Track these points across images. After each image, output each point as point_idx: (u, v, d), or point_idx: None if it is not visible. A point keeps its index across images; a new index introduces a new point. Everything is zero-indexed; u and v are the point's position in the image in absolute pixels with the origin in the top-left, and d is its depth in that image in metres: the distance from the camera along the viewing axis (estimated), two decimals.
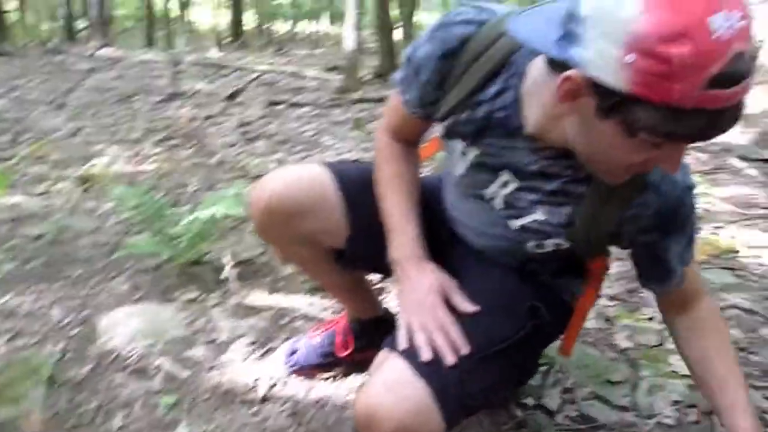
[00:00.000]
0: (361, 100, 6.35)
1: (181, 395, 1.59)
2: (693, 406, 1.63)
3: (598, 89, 0.82)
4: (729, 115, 0.80)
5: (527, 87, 1.03)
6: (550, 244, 1.16)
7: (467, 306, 1.16)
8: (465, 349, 1.08)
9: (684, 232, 1.12)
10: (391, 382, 1.04)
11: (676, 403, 1.64)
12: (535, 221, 1.13)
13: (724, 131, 0.82)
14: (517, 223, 1.16)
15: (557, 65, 0.87)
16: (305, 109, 5.73)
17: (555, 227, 1.12)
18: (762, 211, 3.35)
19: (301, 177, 1.34)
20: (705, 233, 2.88)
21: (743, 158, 4.30)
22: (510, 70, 1.05)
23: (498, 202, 1.17)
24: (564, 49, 0.84)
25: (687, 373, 1.75)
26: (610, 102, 0.82)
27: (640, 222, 1.08)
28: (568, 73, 0.84)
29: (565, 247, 1.16)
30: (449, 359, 1.06)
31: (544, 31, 0.88)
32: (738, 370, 1.18)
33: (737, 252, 2.71)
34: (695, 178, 3.83)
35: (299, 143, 4.44)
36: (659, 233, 1.10)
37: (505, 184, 1.13)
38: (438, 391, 1.03)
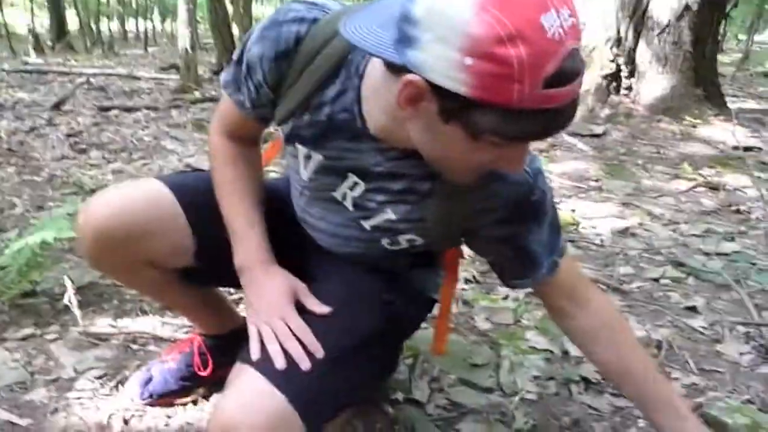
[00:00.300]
0: (200, 100, 6.13)
1: None
2: (551, 378, 1.71)
3: (438, 93, 0.80)
4: (567, 112, 0.81)
5: (367, 88, 1.00)
6: (403, 241, 1.16)
7: (319, 308, 1.13)
8: (320, 353, 1.05)
9: (542, 219, 1.11)
10: (246, 396, 1.00)
11: (536, 378, 1.71)
12: (386, 220, 1.12)
13: (564, 128, 0.83)
14: (369, 224, 1.14)
15: (396, 68, 0.85)
16: (141, 113, 5.42)
17: (406, 224, 1.12)
18: (594, 183, 3.61)
19: (133, 196, 1.24)
20: None
21: (574, 134, 4.61)
22: (348, 70, 1.02)
23: (348, 204, 1.14)
24: (401, 52, 0.81)
25: (544, 347, 1.86)
26: (451, 106, 0.81)
27: (493, 214, 1.08)
28: (408, 77, 0.82)
29: (419, 243, 1.16)
30: (304, 365, 1.03)
31: (379, 33, 0.85)
32: (652, 364, 1.20)
33: (576, 224, 2.89)
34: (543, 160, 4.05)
35: (137, 150, 4.19)
36: (516, 223, 1.10)
37: (353, 186, 1.11)
38: (296, 397, 0.99)
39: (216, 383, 1.56)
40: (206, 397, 1.57)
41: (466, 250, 1.29)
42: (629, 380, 1.19)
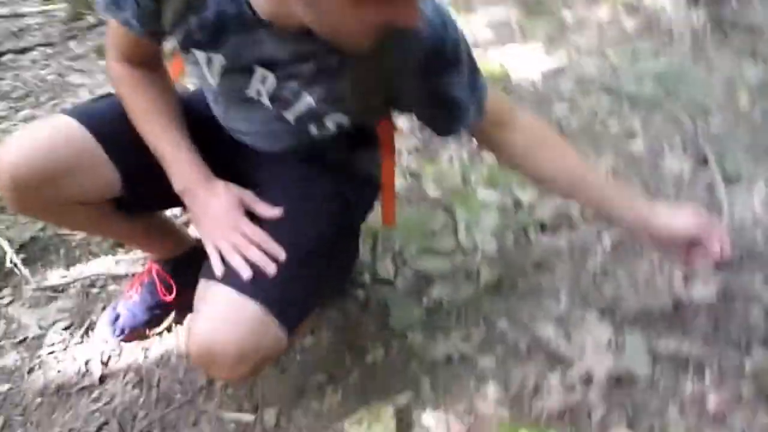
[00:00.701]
0: (96, 25, 5.72)
1: (7, 412, 1.42)
2: (508, 229, 1.75)
3: None
4: None
5: None
6: (330, 124, 1.13)
7: (272, 212, 1.13)
8: (283, 255, 1.06)
9: (460, 67, 1.08)
10: (220, 311, 1.01)
11: (493, 232, 1.74)
12: (307, 106, 1.09)
13: None
14: (291, 115, 1.12)
15: None
16: (36, 51, 5.04)
17: (327, 105, 1.09)
18: (516, 28, 3.55)
19: (42, 137, 1.16)
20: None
21: None
22: None
23: (265, 100, 1.11)
24: None
25: (496, 201, 1.89)
26: None
27: (410, 74, 1.04)
28: None
29: (346, 122, 1.13)
30: (270, 270, 1.04)
31: None
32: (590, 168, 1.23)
33: (506, 72, 2.87)
34: (451, 9, 3.92)
35: (44, 92, 3.92)
36: (435, 77, 1.07)
37: (263, 80, 1.07)
38: (269, 303, 1.01)
39: (184, 306, 1.56)
40: (178, 321, 1.57)
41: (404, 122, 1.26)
42: (586, 186, 1.20)
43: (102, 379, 1.46)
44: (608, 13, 3.59)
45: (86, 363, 1.51)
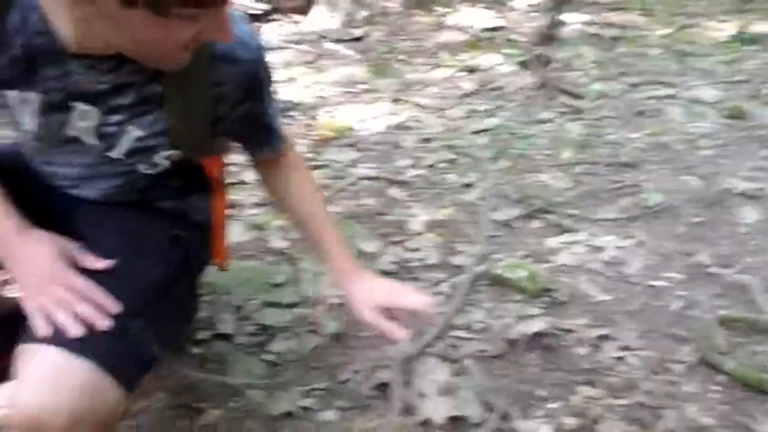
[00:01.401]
0: None
1: None
2: None
3: None
4: None
5: (45, 1, 0.91)
6: (160, 160, 1.09)
7: (99, 263, 1.04)
8: (116, 308, 0.98)
9: (270, 92, 1.13)
10: (47, 376, 0.90)
11: None
12: (135, 141, 1.04)
13: None
14: (119, 152, 1.06)
15: None
16: None
17: (155, 139, 1.05)
18: (363, 86, 3.67)
19: None
20: (322, 118, 3.07)
21: (338, 41, 4.63)
22: None
23: (89, 138, 1.04)
24: None
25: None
26: None
27: (229, 97, 1.05)
28: None
29: (175, 156, 1.09)
30: (103, 324, 0.95)
31: None
32: (324, 209, 1.27)
33: (352, 128, 2.94)
34: (302, 70, 4.01)
35: None
36: (251, 101, 1.09)
37: (84, 116, 1.01)
38: (102, 360, 0.93)
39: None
40: None
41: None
42: (313, 223, 1.25)
43: None
44: (448, 73, 3.82)
45: None
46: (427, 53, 4.31)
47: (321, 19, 4.93)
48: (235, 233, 1.92)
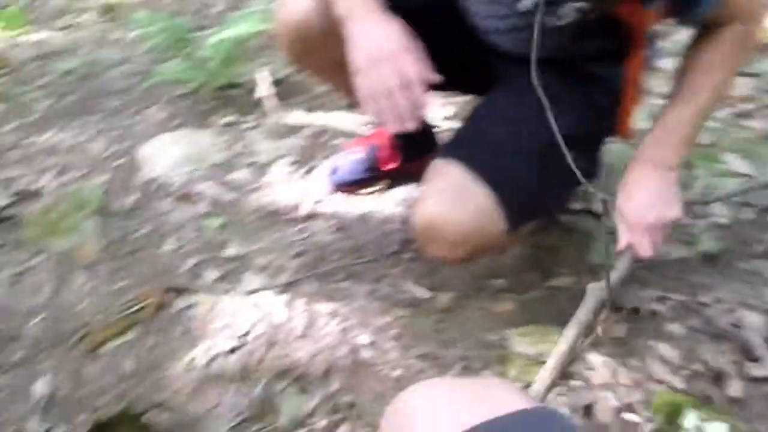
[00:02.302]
0: None
1: (227, 217, 1.61)
2: (747, 204, 1.58)
3: None
4: None
5: None
6: (569, 12, 1.04)
7: (434, 75, 1.03)
8: (424, 107, 1.01)
9: None
10: (450, 189, 1.02)
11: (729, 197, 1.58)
12: None
13: None
14: (524, 4, 1.06)
15: None
16: None
17: None
18: None
19: None
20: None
21: None
22: None
23: None
24: None
25: (743, 171, 1.70)
26: None
27: None
28: None
29: (587, 8, 1.03)
30: (410, 125, 1.00)
31: None
32: (702, 86, 1.08)
33: None
34: None
35: None
36: None
37: None
38: (500, 193, 1.01)
39: (400, 177, 1.63)
40: (389, 189, 1.64)
41: None
42: (678, 96, 1.11)
43: (308, 217, 1.60)
44: None
45: (299, 199, 1.64)
46: None
47: None
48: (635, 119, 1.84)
